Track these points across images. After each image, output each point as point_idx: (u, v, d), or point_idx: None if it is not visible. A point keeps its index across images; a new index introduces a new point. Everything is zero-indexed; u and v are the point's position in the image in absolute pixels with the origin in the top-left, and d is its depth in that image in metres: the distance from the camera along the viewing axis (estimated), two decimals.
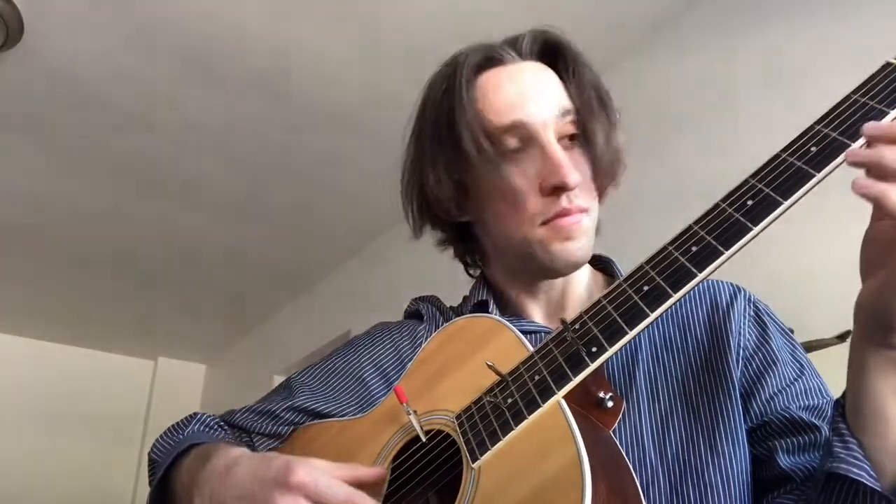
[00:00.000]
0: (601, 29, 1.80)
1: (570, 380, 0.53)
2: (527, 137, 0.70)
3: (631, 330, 0.52)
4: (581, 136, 0.72)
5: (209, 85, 2.00)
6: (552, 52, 0.75)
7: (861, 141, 0.49)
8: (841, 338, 1.27)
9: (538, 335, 0.73)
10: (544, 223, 0.69)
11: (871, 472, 0.49)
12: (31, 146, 2.25)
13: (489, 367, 0.59)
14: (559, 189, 0.68)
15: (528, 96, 0.71)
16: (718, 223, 0.52)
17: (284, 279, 3.23)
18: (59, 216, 2.66)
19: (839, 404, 0.54)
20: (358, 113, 2.11)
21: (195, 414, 0.80)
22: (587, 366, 0.53)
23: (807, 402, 0.64)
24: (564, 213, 0.69)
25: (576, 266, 0.72)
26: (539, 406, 0.53)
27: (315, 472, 0.55)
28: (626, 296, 0.54)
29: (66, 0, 1.71)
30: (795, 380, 0.66)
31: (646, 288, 0.53)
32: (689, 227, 0.54)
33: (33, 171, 2.38)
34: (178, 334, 3.87)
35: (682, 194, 1.59)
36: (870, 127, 0.48)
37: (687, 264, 0.52)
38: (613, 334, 0.53)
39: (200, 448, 0.70)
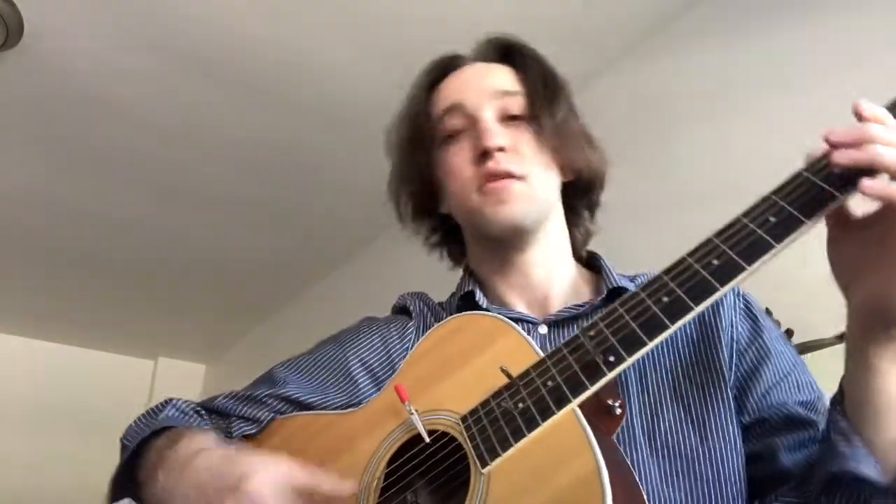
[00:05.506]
0: (600, 29, 1.80)
1: (587, 388, 0.53)
2: (465, 116, 0.76)
3: (651, 341, 0.52)
4: (528, 115, 0.77)
5: (209, 85, 1.99)
6: (507, 52, 0.83)
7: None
8: (841, 338, 1.26)
9: (523, 324, 0.73)
10: (478, 190, 0.74)
11: (877, 468, 0.50)
12: (31, 146, 2.23)
13: (503, 371, 0.58)
14: (485, 154, 0.72)
15: (468, 83, 0.79)
16: (740, 238, 0.53)
17: (284, 279, 3.22)
18: (59, 216, 2.64)
19: (837, 402, 0.55)
20: (358, 113, 2.10)
21: (170, 399, 0.79)
22: (604, 375, 0.53)
23: (801, 398, 0.65)
24: (491, 177, 0.73)
25: (514, 229, 0.74)
26: (554, 413, 0.53)
27: (273, 485, 0.52)
28: (645, 306, 0.54)
29: (65, 0, 1.70)
30: (789, 373, 0.67)
31: (665, 299, 0.53)
32: (710, 240, 0.54)
33: (33, 171, 2.36)
34: (178, 334, 3.85)
35: (682, 195, 1.59)
36: (832, 134, 0.50)
37: (709, 278, 0.52)
38: (632, 344, 0.53)
39: (173, 431, 0.69)
